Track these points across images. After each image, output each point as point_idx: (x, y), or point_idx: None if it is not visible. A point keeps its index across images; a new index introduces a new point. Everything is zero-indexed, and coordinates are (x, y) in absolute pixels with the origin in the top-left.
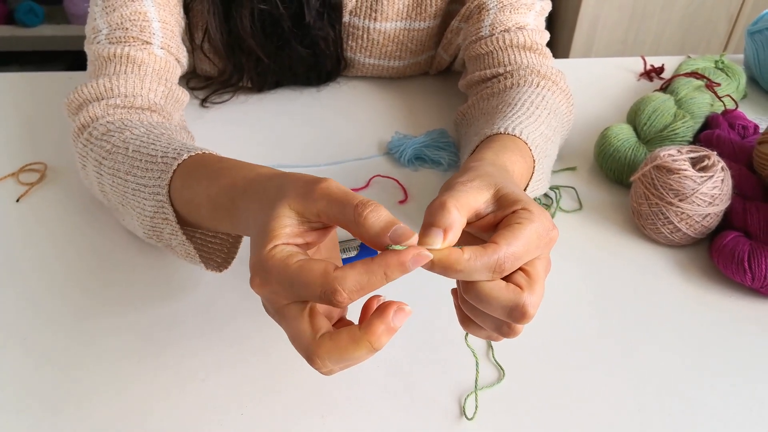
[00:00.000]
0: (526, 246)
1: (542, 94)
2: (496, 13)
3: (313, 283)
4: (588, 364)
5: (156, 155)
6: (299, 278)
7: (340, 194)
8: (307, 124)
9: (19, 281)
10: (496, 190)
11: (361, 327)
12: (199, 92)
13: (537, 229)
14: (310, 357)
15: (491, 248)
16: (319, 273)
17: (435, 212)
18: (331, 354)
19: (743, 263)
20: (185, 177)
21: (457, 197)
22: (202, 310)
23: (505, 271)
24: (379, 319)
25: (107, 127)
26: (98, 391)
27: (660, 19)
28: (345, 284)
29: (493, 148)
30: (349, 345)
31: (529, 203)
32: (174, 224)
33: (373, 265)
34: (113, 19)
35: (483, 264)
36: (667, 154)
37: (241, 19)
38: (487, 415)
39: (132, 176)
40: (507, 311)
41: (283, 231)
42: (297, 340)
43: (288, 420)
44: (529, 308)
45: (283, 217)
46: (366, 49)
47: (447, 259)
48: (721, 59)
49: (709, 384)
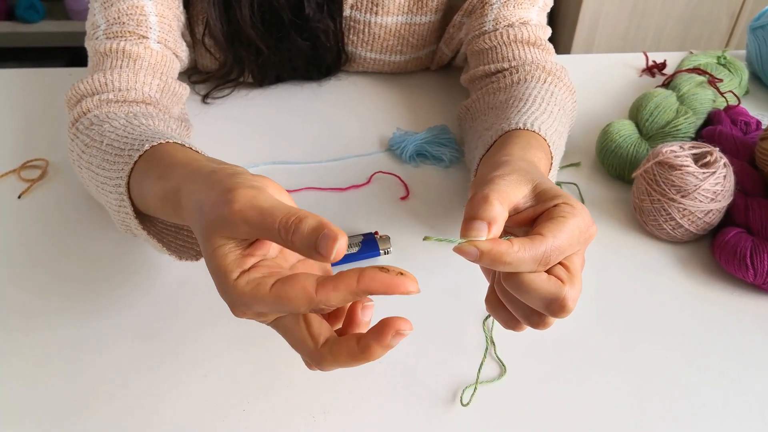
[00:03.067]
0: (570, 240)
1: (550, 90)
2: (500, 8)
3: (297, 304)
4: (589, 359)
5: (124, 148)
6: (280, 302)
7: (257, 220)
8: (308, 120)
9: (20, 278)
10: (535, 185)
11: (359, 344)
12: (200, 87)
13: (579, 224)
14: (315, 364)
15: (538, 240)
16: (300, 293)
17: (478, 205)
18: (332, 365)
19: (745, 259)
20: (141, 171)
21: (498, 190)
22: (203, 307)
23: (551, 263)
24: (376, 341)
25: (91, 120)
26: (99, 390)
27: (661, 15)
28: (330, 302)
29: (518, 144)
30: (348, 360)
31: (570, 198)
32: (133, 218)
33: (358, 287)
34: (111, 14)
35: (531, 256)
36: (669, 150)
37: (240, 9)
38: (488, 411)
39: (101, 169)
40: (546, 303)
41: (230, 261)
42: (299, 348)
43: (290, 417)
44: (569, 302)
45: (219, 247)
46: (367, 44)
47: (496, 251)
48: (723, 55)
49: (710, 380)
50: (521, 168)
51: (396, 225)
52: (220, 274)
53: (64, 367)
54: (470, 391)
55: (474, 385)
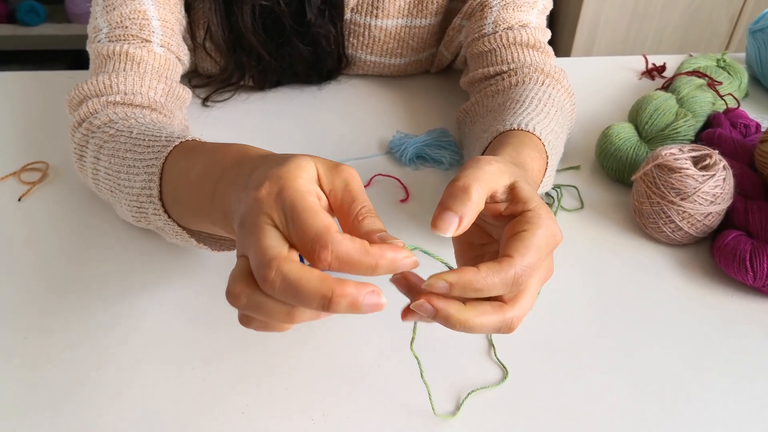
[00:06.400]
0: (538, 254)
1: (548, 91)
2: (499, 10)
3: (311, 227)
4: (589, 362)
5: (160, 136)
6: (303, 217)
7: (358, 187)
8: (308, 123)
9: (20, 280)
10: (513, 182)
11: (335, 288)
12: (200, 91)
13: (545, 234)
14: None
15: (506, 263)
16: (321, 225)
17: (456, 196)
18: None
19: (745, 262)
20: (181, 152)
21: (479, 177)
22: (203, 309)
23: (524, 284)
24: (355, 289)
25: (110, 117)
26: (98, 391)
27: (661, 18)
28: (336, 246)
29: (511, 144)
30: (309, 294)
31: (539, 206)
32: (156, 201)
33: (371, 250)
34: (113, 18)
35: (501, 280)
36: (668, 153)
37: (242, 16)
38: (490, 414)
39: (131, 153)
40: (495, 330)
41: (307, 172)
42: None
43: (289, 419)
44: (514, 322)
45: (306, 167)
46: (367, 47)
47: (464, 280)
48: (722, 58)
49: (710, 383)
50: (508, 162)
51: (396, 228)
52: (286, 165)
53: (62, 369)
54: (471, 397)
55: (472, 391)
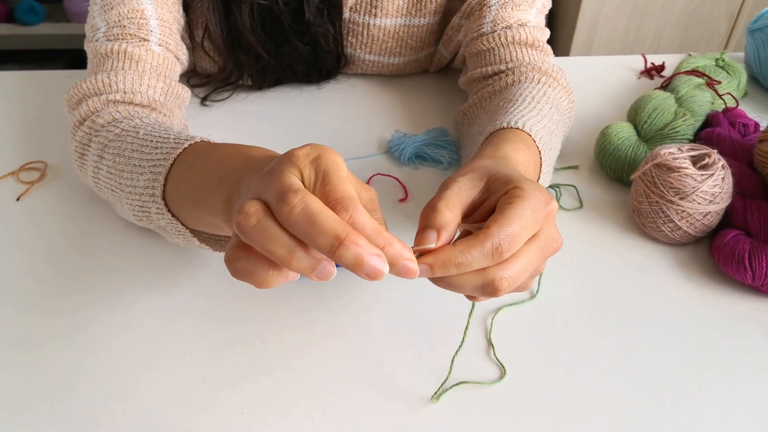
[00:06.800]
0: (522, 223)
1: (543, 89)
2: (498, 9)
3: (339, 190)
4: (587, 361)
5: (168, 137)
6: (335, 181)
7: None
8: (307, 123)
9: (18, 280)
10: (489, 177)
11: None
12: (199, 90)
13: (531, 205)
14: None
15: (482, 234)
16: (349, 192)
17: (427, 215)
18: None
19: (744, 261)
20: (193, 153)
21: (446, 197)
22: (202, 309)
23: (506, 253)
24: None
25: (113, 116)
26: (98, 391)
27: (660, 17)
28: (355, 213)
29: (493, 143)
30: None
31: (522, 181)
32: (159, 200)
33: (384, 234)
34: (111, 17)
35: (479, 252)
36: (667, 153)
37: (241, 15)
38: (489, 413)
39: (138, 153)
40: (479, 290)
41: (344, 163)
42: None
43: (288, 419)
44: (498, 283)
45: (343, 162)
46: (366, 46)
47: (442, 259)
48: (721, 57)
49: (709, 382)
50: (479, 165)
51: (395, 227)
52: (291, 154)
53: (62, 369)
54: (471, 394)
55: (446, 381)
